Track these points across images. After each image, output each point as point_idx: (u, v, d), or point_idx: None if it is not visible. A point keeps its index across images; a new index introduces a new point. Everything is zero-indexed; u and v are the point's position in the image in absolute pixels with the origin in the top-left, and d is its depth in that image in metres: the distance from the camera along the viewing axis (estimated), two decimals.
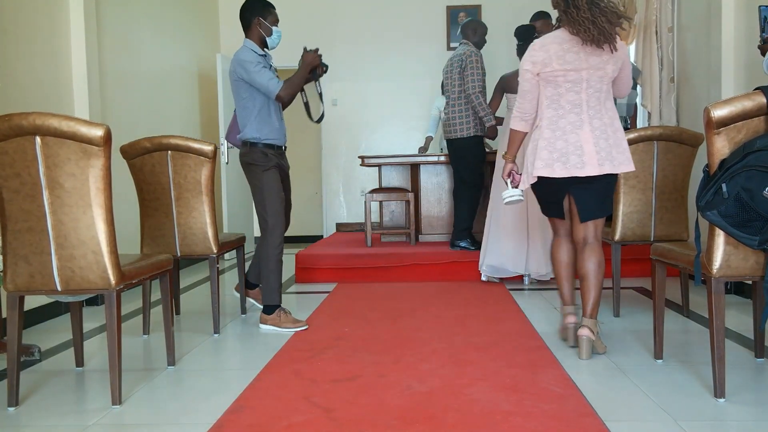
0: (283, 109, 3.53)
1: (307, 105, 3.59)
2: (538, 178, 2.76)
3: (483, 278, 4.59)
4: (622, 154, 2.71)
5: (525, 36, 4.45)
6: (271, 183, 3.40)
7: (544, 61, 2.70)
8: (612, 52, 2.67)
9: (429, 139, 6.31)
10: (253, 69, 3.31)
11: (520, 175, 2.89)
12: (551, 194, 2.87)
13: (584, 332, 2.75)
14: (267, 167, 3.39)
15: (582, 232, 2.84)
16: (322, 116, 3.61)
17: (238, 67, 3.34)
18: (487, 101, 4.78)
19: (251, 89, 3.37)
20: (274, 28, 3.44)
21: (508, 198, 2.90)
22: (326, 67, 3.48)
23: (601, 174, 2.70)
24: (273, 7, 3.47)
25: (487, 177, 5.14)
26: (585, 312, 2.78)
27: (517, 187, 2.90)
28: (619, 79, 2.79)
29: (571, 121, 2.70)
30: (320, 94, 3.59)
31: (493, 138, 4.84)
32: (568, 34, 2.68)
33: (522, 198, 2.91)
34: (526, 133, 2.85)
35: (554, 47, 2.69)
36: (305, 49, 3.46)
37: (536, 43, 2.77)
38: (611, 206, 2.87)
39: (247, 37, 3.45)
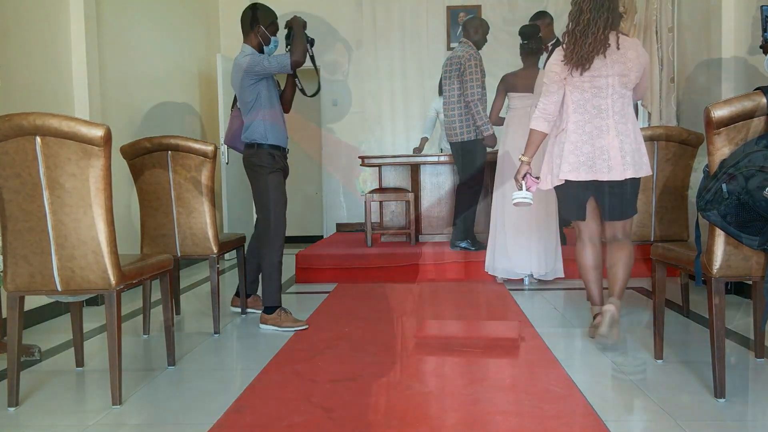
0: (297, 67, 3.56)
1: (302, 90, 3.64)
2: (564, 181, 2.82)
3: (498, 280, 4.58)
4: (642, 159, 2.79)
5: (530, 35, 4.45)
6: (277, 185, 3.41)
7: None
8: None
9: (424, 140, 6.27)
10: (259, 61, 3.33)
11: (535, 178, 2.90)
12: (574, 197, 2.90)
13: (610, 307, 2.79)
14: (273, 169, 3.40)
15: (611, 230, 2.92)
16: (318, 88, 3.66)
17: (243, 76, 3.35)
18: (488, 103, 4.75)
19: (255, 92, 3.38)
20: (272, 38, 3.47)
21: (519, 199, 2.90)
22: (312, 39, 3.51)
23: (625, 178, 2.76)
24: (275, 17, 3.49)
25: (488, 177, 5.13)
26: (612, 292, 2.86)
27: (529, 190, 2.89)
28: (640, 84, 2.87)
29: (598, 126, 2.76)
30: (312, 57, 3.58)
31: (492, 146, 4.82)
32: None
33: (531, 202, 2.92)
34: (546, 134, 2.87)
35: None
36: (286, 23, 3.51)
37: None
38: (635, 208, 2.92)
39: (245, 41, 3.47)
